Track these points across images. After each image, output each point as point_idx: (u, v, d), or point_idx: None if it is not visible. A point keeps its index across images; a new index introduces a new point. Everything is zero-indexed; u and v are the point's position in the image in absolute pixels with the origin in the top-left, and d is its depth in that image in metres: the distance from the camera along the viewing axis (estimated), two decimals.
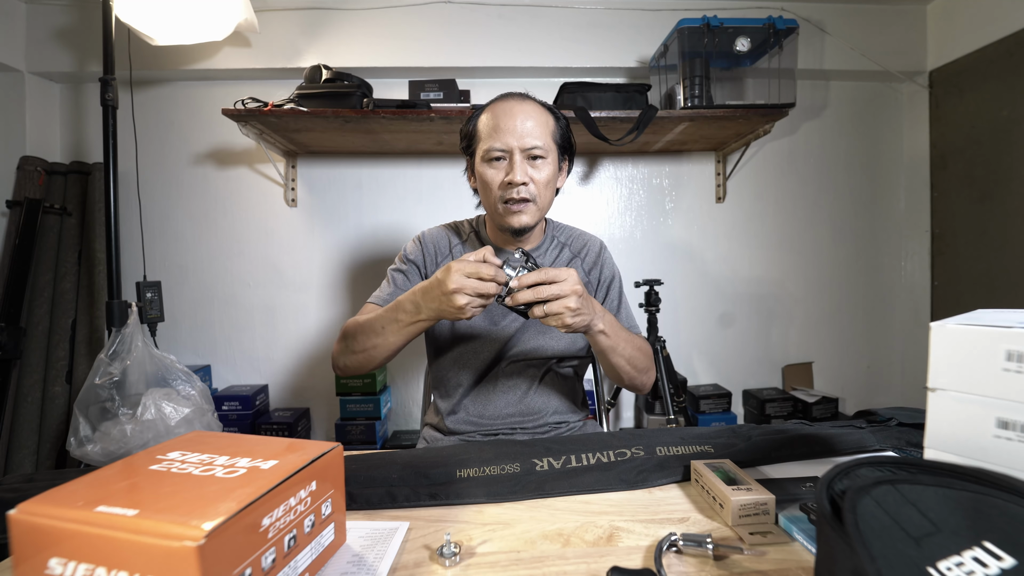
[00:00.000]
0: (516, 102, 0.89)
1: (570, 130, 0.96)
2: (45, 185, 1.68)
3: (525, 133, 0.86)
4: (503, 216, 0.89)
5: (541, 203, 0.89)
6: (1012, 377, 0.37)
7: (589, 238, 1.03)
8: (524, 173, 0.86)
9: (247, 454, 0.41)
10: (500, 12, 1.74)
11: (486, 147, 0.88)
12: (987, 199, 1.69)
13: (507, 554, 0.45)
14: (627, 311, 0.99)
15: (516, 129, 0.86)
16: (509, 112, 0.87)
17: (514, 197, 0.86)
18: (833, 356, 1.97)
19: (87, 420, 1.20)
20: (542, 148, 0.87)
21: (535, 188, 0.87)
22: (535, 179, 0.87)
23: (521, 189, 0.86)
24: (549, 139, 0.89)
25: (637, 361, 0.87)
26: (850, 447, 0.64)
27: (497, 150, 0.86)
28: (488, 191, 0.89)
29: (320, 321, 1.85)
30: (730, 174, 1.89)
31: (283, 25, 1.71)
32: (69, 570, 0.31)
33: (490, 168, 0.88)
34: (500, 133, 0.86)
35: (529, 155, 0.87)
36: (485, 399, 0.94)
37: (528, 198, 0.87)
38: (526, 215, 0.88)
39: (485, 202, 0.93)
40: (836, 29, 1.81)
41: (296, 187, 1.82)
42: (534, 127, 0.87)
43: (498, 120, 0.87)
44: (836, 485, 0.35)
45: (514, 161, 0.86)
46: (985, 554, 0.27)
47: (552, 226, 1.03)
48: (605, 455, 0.61)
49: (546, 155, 0.88)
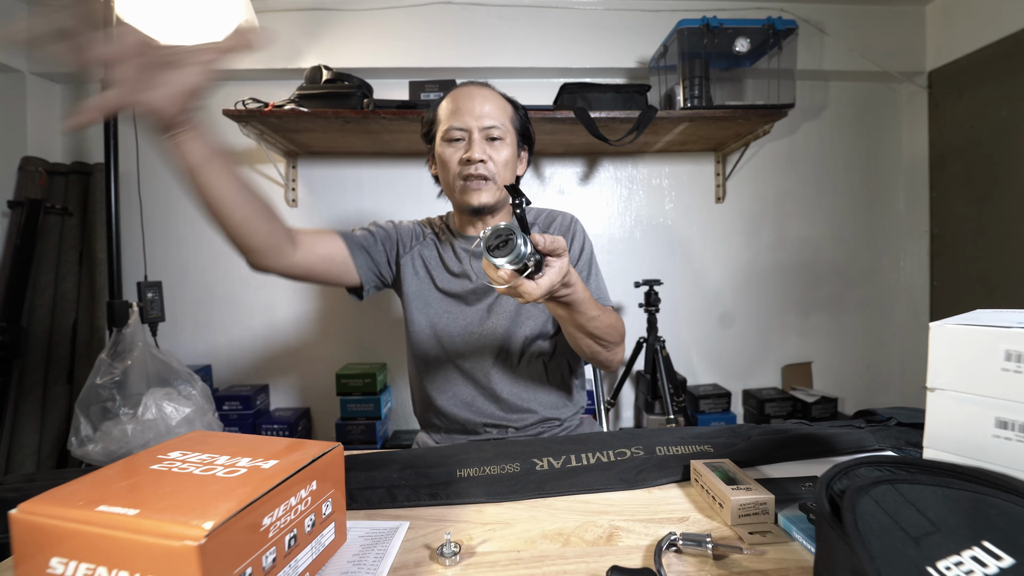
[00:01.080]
0: (476, 88, 0.92)
1: (529, 122, 0.98)
2: (46, 185, 1.68)
3: (483, 114, 0.88)
4: (462, 194, 0.90)
5: (499, 182, 0.90)
6: (1011, 377, 0.37)
7: (558, 215, 1.02)
8: (482, 151, 0.87)
9: (248, 454, 0.41)
10: (500, 12, 1.74)
11: (446, 127, 0.90)
12: (986, 199, 1.69)
13: (507, 554, 0.45)
14: (597, 281, 0.97)
15: (475, 110, 0.88)
16: (468, 95, 0.90)
17: (472, 173, 0.88)
18: (832, 356, 1.97)
19: (88, 420, 1.20)
20: (500, 129, 0.89)
21: (493, 167, 0.89)
22: (494, 158, 0.89)
23: (479, 166, 0.87)
24: (507, 122, 0.92)
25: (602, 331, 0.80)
26: (849, 447, 0.64)
27: (456, 129, 0.89)
28: (447, 170, 0.91)
29: (320, 321, 1.85)
30: (730, 174, 1.89)
31: (283, 26, 1.71)
32: (70, 570, 0.31)
33: (449, 147, 0.90)
34: (460, 114, 0.89)
35: (487, 135, 0.89)
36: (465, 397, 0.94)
37: (486, 175, 0.88)
38: (485, 193, 0.89)
39: (445, 184, 0.94)
40: (835, 30, 1.81)
41: (297, 187, 1.83)
42: (492, 109, 0.90)
43: (458, 103, 0.90)
44: (835, 485, 0.35)
45: (472, 139, 0.88)
46: (984, 554, 0.27)
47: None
48: (605, 455, 0.61)
49: (504, 136, 0.90)
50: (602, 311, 0.80)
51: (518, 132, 0.95)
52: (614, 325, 0.84)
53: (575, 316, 0.75)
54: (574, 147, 1.79)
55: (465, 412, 0.93)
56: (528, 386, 0.95)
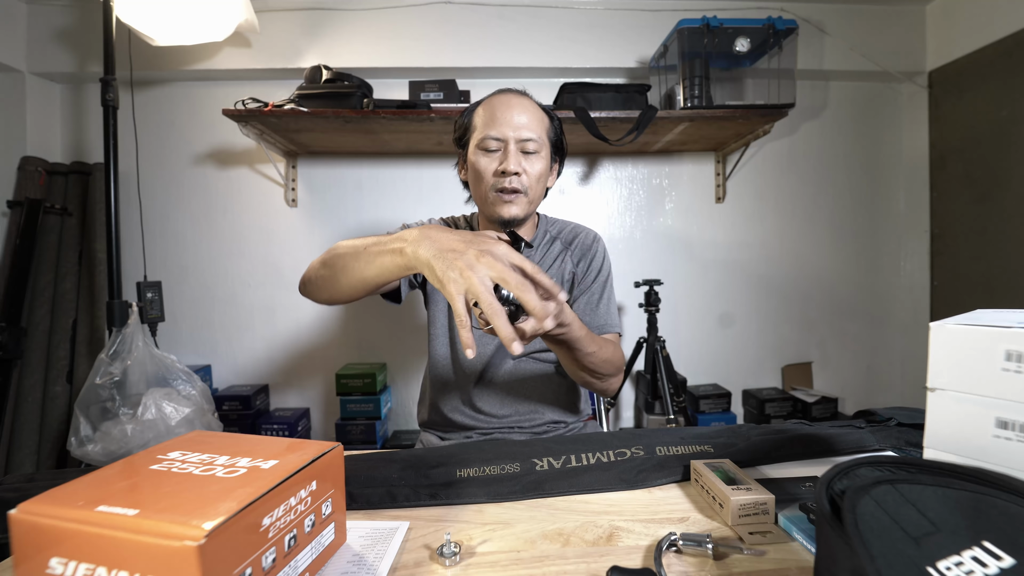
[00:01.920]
0: (514, 96, 0.90)
1: (563, 133, 0.97)
2: (46, 185, 1.68)
3: (521, 125, 0.86)
4: (493, 206, 0.88)
5: (532, 196, 0.89)
6: (1011, 377, 0.37)
7: (583, 231, 1.01)
8: (518, 163, 0.86)
9: (247, 454, 0.41)
10: (500, 12, 1.74)
11: (481, 136, 0.88)
12: (986, 199, 1.69)
13: (507, 554, 0.45)
14: (608, 307, 0.95)
15: (513, 120, 0.86)
16: (507, 104, 0.88)
17: (506, 187, 0.86)
18: (832, 356, 1.97)
19: (88, 420, 1.20)
20: (536, 142, 0.88)
21: (527, 180, 0.87)
22: (528, 171, 0.87)
23: (513, 179, 0.86)
24: (544, 135, 0.90)
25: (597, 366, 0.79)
26: (849, 447, 0.64)
27: (492, 139, 0.87)
28: (480, 180, 0.89)
29: (320, 321, 1.85)
30: (730, 174, 1.89)
31: (283, 26, 1.71)
32: (70, 570, 0.31)
33: (484, 157, 0.88)
34: (497, 123, 0.87)
35: (523, 148, 0.87)
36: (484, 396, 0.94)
37: (520, 189, 0.87)
38: (516, 206, 0.88)
39: (476, 193, 0.92)
40: (835, 29, 1.81)
41: (296, 187, 1.82)
42: (530, 121, 0.88)
43: (495, 111, 0.88)
44: (835, 485, 0.35)
45: (508, 151, 0.86)
46: (984, 554, 0.27)
47: (545, 221, 1.03)
48: (605, 455, 0.61)
49: (540, 149, 0.89)
50: (599, 346, 0.78)
51: (552, 144, 0.94)
52: (610, 360, 0.82)
53: (571, 352, 0.74)
54: (574, 147, 1.79)
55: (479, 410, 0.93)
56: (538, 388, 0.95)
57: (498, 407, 0.93)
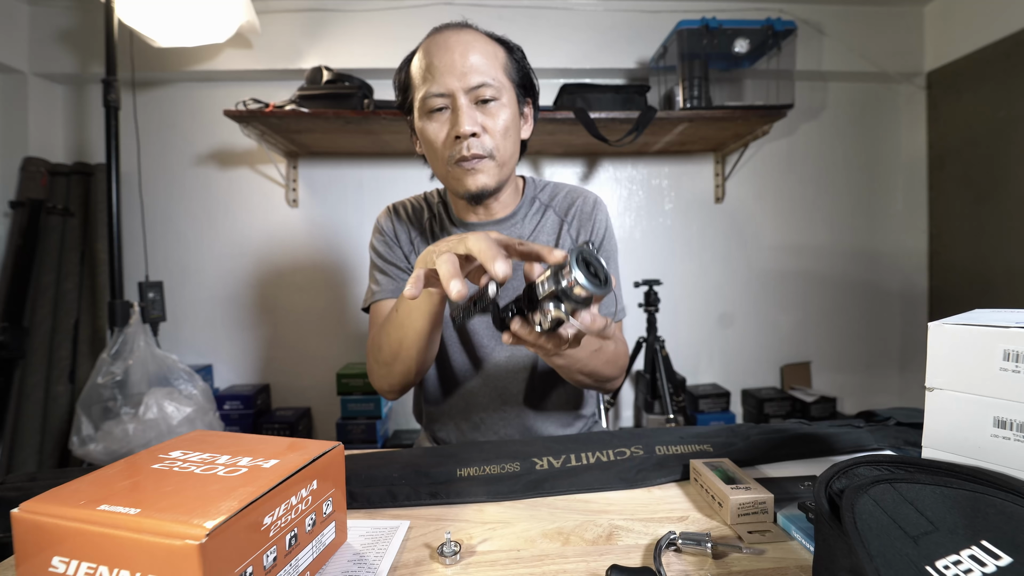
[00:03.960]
0: (452, 32, 0.69)
1: (527, 64, 0.76)
2: (48, 186, 1.69)
3: (469, 69, 0.67)
4: (456, 180, 0.71)
5: (502, 156, 0.71)
6: (1009, 376, 0.38)
7: (580, 194, 0.83)
8: (473, 121, 0.67)
9: (248, 453, 0.41)
10: (500, 13, 1.75)
11: (422, 94, 0.69)
12: (984, 200, 1.69)
13: (507, 553, 0.45)
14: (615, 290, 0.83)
15: (456, 65, 0.66)
16: (444, 46, 0.68)
17: (465, 155, 0.68)
18: (831, 356, 1.97)
19: (90, 419, 1.21)
20: (493, 86, 0.68)
21: (490, 140, 0.69)
22: (488, 127, 0.69)
23: (473, 143, 0.68)
24: (501, 74, 0.70)
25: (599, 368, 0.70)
26: (848, 446, 0.64)
27: (435, 95, 0.68)
28: (433, 152, 0.71)
29: (321, 321, 1.85)
30: (729, 175, 1.89)
31: (284, 27, 1.71)
32: (71, 569, 0.31)
33: (431, 122, 0.70)
34: (437, 74, 0.67)
35: (477, 97, 0.68)
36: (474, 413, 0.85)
37: (482, 153, 0.69)
38: (483, 174, 0.70)
39: (435, 168, 0.75)
40: (834, 31, 1.81)
41: (297, 188, 1.83)
42: (480, 61, 0.68)
43: (432, 59, 0.68)
44: (834, 484, 0.35)
45: (459, 107, 0.67)
46: (983, 553, 0.28)
47: (533, 185, 0.84)
48: (605, 454, 0.61)
49: (499, 94, 0.69)
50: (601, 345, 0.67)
51: (517, 84, 0.73)
52: (613, 360, 0.71)
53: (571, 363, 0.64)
54: (574, 147, 1.80)
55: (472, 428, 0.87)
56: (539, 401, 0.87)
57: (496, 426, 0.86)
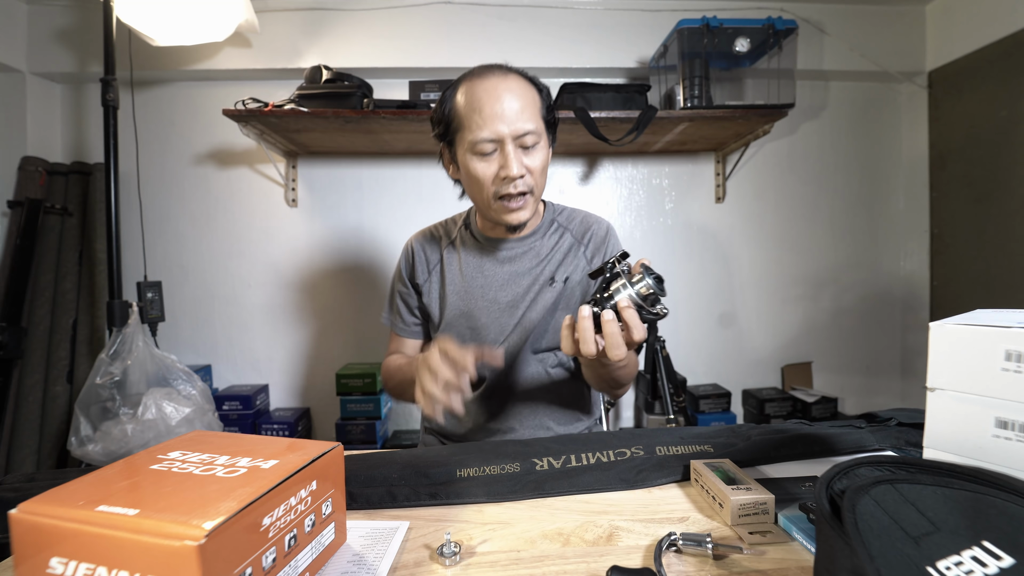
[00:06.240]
0: (500, 80, 0.77)
1: (552, 100, 0.86)
2: (46, 185, 1.68)
3: (516, 117, 0.75)
4: (499, 213, 0.81)
5: (539, 191, 0.82)
6: (1011, 377, 0.37)
7: (594, 221, 0.94)
8: (520, 164, 0.76)
9: (248, 454, 0.41)
10: (500, 12, 1.74)
11: (472, 138, 0.77)
12: (986, 199, 1.69)
13: (507, 553, 0.45)
14: None
15: (505, 113, 0.75)
16: (494, 94, 0.75)
17: (511, 192, 0.78)
18: (832, 356, 1.97)
19: (88, 420, 1.20)
20: (535, 132, 0.77)
21: (531, 179, 0.79)
22: (531, 168, 0.78)
23: (519, 183, 0.77)
24: (539, 119, 0.80)
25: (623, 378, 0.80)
26: (849, 447, 0.64)
27: (486, 141, 0.76)
28: (479, 187, 0.80)
29: (320, 321, 1.85)
30: (730, 174, 1.89)
31: (283, 26, 1.71)
32: (70, 569, 0.31)
33: (480, 162, 0.78)
34: (487, 120, 0.75)
35: (522, 143, 0.77)
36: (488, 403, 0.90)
37: (526, 191, 0.79)
38: (525, 210, 0.81)
39: (475, 198, 0.85)
40: (835, 30, 1.81)
41: (296, 187, 1.83)
42: (524, 108, 0.76)
43: (482, 105, 0.75)
44: (835, 485, 0.35)
45: (507, 152, 0.76)
46: (984, 553, 0.27)
47: (552, 208, 0.95)
48: (605, 455, 0.61)
49: (539, 138, 0.79)
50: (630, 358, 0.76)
51: (546, 122, 0.82)
52: (633, 369, 0.81)
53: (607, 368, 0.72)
54: (574, 147, 1.79)
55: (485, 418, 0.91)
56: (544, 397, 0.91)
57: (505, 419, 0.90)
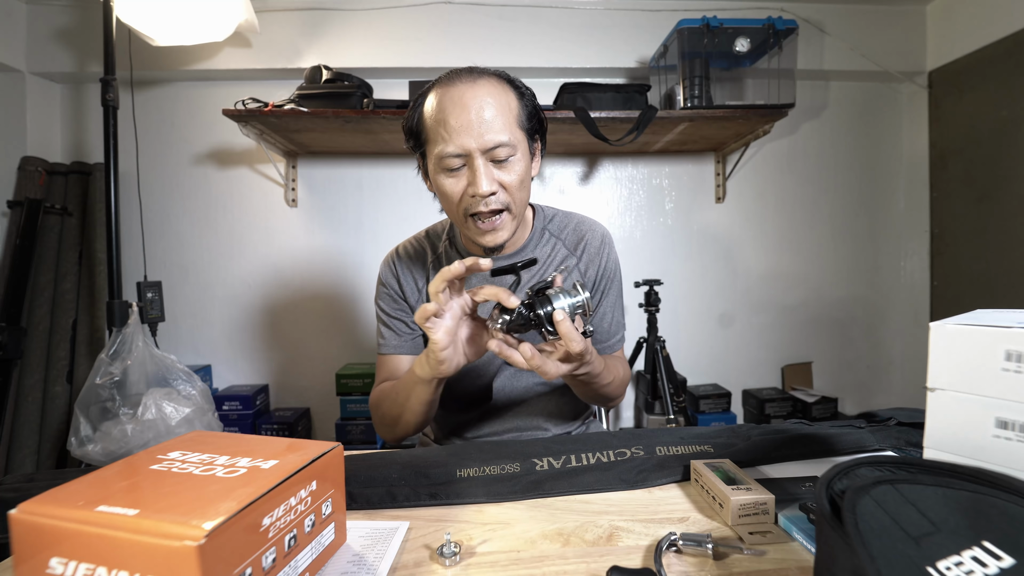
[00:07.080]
0: (467, 87, 0.69)
1: (536, 104, 0.76)
2: (46, 185, 1.68)
3: (485, 128, 0.67)
4: (473, 235, 0.74)
5: (517, 208, 0.73)
6: (1011, 377, 0.37)
7: (588, 229, 0.86)
8: (491, 180, 0.68)
9: (247, 454, 0.41)
10: (500, 12, 1.74)
11: (438, 152, 0.69)
12: (986, 199, 1.69)
13: (507, 554, 0.45)
14: (615, 313, 0.87)
15: (472, 125, 0.67)
16: (459, 103, 0.67)
17: (482, 211, 0.70)
18: (832, 356, 1.97)
19: (88, 420, 1.20)
20: (508, 145, 0.68)
21: (506, 195, 0.71)
22: (504, 183, 0.70)
23: (491, 200, 0.69)
24: (515, 127, 0.70)
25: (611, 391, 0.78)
26: (849, 447, 0.64)
27: (452, 155, 0.68)
28: (449, 204, 0.73)
29: (320, 321, 1.85)
30: (730, 174, 1.89)
31: (283, 26, 1.71)
32: (70, 570, 0.31)
33: (448, 178, 0.71)
34: (452, 133, 0.67)
35: (493, 157, 0.69)
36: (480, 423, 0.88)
37: (499, 207, 0.70)
38: (502, 231, 0.72)
39: (448, 214, 0.77)
40: (835, 29, 1.81)
41: (296, 187, 1.82)
42: (495, 117, 0.68)
43: (446, 115, 0.68)
44: (835, 485, 0.35)
45: (476, 167, 0.68)
46: (984, 554, 0.27)
47: (542, 215, 0.86)
48: (605, 455, 0.61)
49: (515, 150, 0.70)
50: (614, 374, 0.75)
51: (527, 131, 0.73)
52: (622, 383, 0.79)
53: (587, 386, 0.72)
54: (574, 147, 1.79)
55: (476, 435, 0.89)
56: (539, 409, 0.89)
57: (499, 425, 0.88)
